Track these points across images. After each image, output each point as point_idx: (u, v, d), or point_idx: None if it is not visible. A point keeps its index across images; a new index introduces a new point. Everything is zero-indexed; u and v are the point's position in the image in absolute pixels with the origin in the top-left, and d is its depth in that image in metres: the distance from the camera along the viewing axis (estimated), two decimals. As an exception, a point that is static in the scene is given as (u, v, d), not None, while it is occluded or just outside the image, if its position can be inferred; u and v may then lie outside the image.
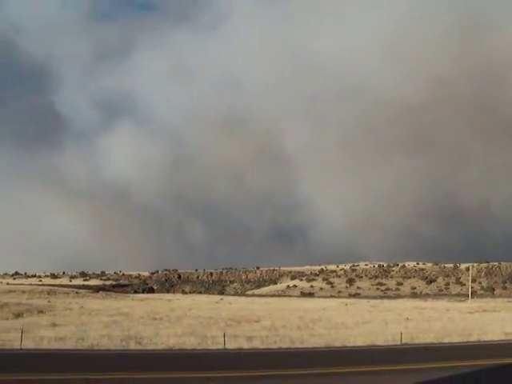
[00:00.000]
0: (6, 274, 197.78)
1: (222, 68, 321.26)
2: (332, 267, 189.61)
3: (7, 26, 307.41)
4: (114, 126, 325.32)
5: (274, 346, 27.15)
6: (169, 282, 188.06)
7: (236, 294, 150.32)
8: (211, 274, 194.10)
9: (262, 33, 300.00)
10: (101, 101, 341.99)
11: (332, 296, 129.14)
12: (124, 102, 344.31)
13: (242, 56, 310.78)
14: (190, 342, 27.92)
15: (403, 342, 28.34)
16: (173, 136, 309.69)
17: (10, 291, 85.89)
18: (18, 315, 43.66)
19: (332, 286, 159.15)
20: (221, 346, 26.56)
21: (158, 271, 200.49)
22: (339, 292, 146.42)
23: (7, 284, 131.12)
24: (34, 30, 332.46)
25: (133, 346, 26.89)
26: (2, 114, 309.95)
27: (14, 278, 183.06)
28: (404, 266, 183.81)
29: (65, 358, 22.72)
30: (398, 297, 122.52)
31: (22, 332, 26.95)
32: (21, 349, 24.83)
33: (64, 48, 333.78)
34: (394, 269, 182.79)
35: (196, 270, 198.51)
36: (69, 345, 26.41)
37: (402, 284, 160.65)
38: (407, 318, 44.08)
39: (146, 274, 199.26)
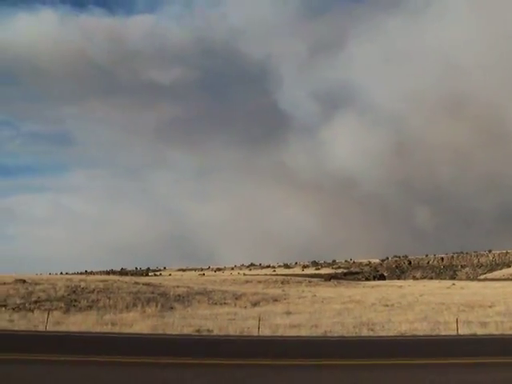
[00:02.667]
0: (242, 266, 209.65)
1: (437, 51, 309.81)
2: None
3: (229, 34, 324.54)
4: (335, 118, 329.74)
5: (509, 332, 25.85)
6: (399, 269, 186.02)
7: (468, 278, 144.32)
8: (442, 259, 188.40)
9: (472, 12, 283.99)
10: (320, 94, 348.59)
11: None
12: (343, 92, 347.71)
13: (455, 37, 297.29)
14: (422, 328, 27.53)
15: None
16: (394, 122, 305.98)
17: (247, 281, 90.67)
18: (254, 304, 45.99)
19: None
20: (453, 332, 25.85)
21: (387, 258, 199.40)
22: None
23: (244, 275, 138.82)
24: (251, 34, 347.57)
25: (365, 332, 27.15)
26: (231, 116, 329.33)
27: (250, 269, 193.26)
28: None
29: (299, 344, 23.53)
30: None
31: (259, 320, 28.49)
32: (258, 336, 26.24)
33: (281, 47, 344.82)
34: None
35: (426, 256, 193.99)
36: (303, 332, 27.30)
37: None
38: None
39: (377, 261, 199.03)
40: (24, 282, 48.63)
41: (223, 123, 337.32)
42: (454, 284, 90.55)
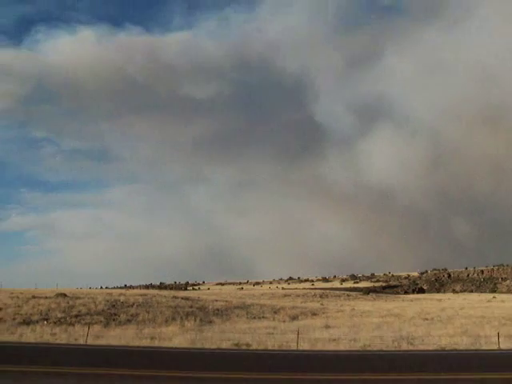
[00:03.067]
0: (281, 280, 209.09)
1: (475, 62, 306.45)
2: None
3: (265, 48, 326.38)
4: (372, 130, 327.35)
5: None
6: (438, 282, 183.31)
7: (509, 291, 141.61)
8: (482, 271, 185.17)
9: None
10: (357, 107, 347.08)
11: None
12: (380, 105, 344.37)
13: (493, 48, 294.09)
14: (463, 342, 27.21)
15: None
16: (431, 134, 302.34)
17: (286, 295, 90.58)
18: (293, 318, 45.96)
19: None
20: (495, 346, 25.49)
21: (427, 271, 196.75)
22: None
23: (282, 289, 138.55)
24: (287, 47, 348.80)
25: (405, 346, 26.94)
26: (267, 129, 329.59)
27: (289, 283, 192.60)
28: None
29: (339, 358, 23.45)
30: None
31: (298, 334, 28.49)
32: (297, 350, 26.22)
33: (317, 60, 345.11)
34: None
35: (466, 268, 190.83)
36: (342, 346, 27.22)
37: None
38: None
39: (415, 274, 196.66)
40: (65, 296, 49.51)
41: (260, 137, 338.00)
42: (494, 297, 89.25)
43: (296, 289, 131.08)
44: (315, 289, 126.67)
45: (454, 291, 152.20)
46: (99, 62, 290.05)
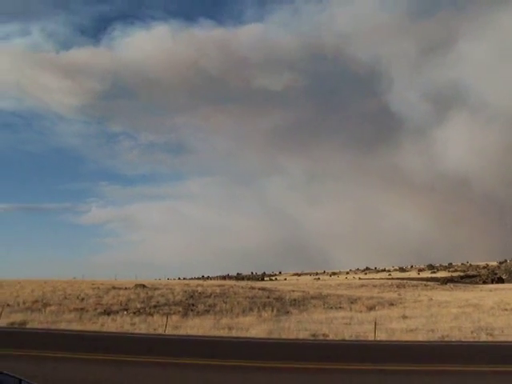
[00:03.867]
0: (357, 270, 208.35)
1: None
2: None
3: (337, 38, 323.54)
4: (447, 118, 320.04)
5: None
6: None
7: None
8: None
9: None
10: (432, 94, 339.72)
11: None
12: (455, 92, 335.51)
13: None
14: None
15: None
16: (508, 120, 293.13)
17: (362, 285, 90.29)
18: (370, 308, 45.76)
19: None
20: None
21: (506, 260, 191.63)
22: None
23: (359, 279, 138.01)
24: (359, 36, 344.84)
25: (484, 337, 26.56)
26: (342, 119, 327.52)
27: (366, 273, 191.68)
28: None
29: (416, 349, 23.32)
30: None
31: (375, 324, 28.50)
32: (374, 340, 26.26)
33: (390, 48, 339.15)
34: None
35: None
36: (419, 337, 27.05)
37: None
38: None
39: (494, 263, 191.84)
40: (144, 286, 50.96)
41: (334, 127, 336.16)
42: None
43: (373, 279, 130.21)
44: (392, 279, 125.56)
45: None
46: (174, 56, 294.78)
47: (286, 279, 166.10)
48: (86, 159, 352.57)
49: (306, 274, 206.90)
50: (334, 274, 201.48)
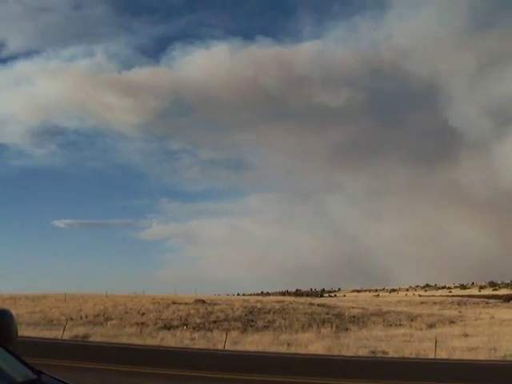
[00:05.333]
0: (417, 286, 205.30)
1: None
2: None
3: (395, 53, 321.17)
4: (508, 132, 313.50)
5: None
6: None
7: None
8: None
9: None
10: (492, 109, 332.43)
11: None
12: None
13: None
14: None
15: None
16: None
17: (422, 302, 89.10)
18: (430, 326, 45.30)
19: None
20: None
21: None
22: None
23: (419, 296, 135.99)
24: (417, 51, 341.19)
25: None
26: (400, 135, 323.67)
27: (426, 290, 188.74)
28: None
29: (478, 368, 23.09)
30: None
31: (435, 342, 28.29)
32: (435, 358, 26.09)
33: (449, 63, 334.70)
34: None
35: None
36: (481, 355, 26.72)
37: None
38: None
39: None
40: (203, 302, 51.67)
41: (393, 143, 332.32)
42: None
43: (433, 296, 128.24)
44: (453, 296, 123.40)
45: None
46: (233, 74, 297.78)
47: (345, 295, 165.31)
48: (146, 176, 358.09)
49: (366, 290, 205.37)
50: (393, 290, 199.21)
